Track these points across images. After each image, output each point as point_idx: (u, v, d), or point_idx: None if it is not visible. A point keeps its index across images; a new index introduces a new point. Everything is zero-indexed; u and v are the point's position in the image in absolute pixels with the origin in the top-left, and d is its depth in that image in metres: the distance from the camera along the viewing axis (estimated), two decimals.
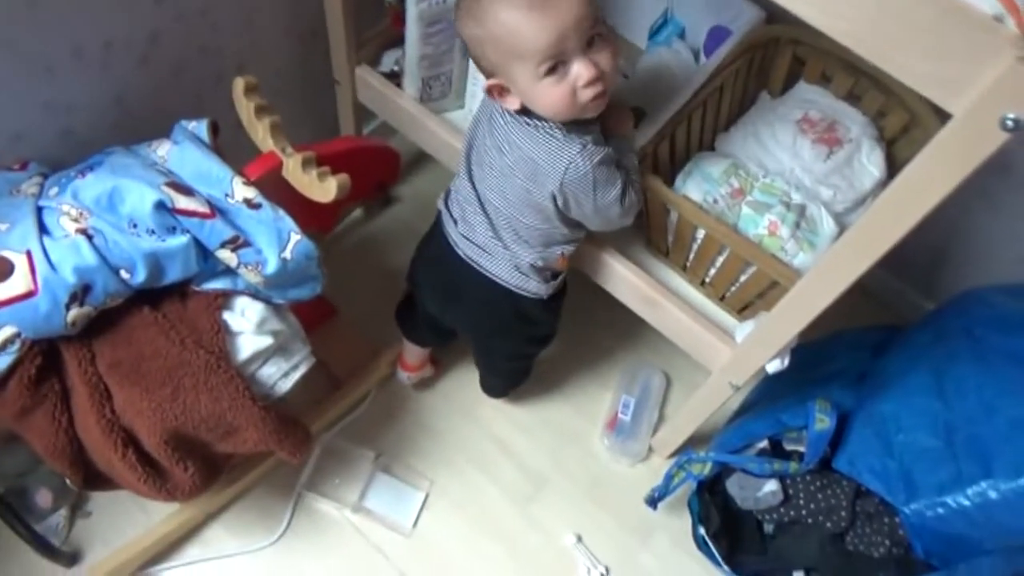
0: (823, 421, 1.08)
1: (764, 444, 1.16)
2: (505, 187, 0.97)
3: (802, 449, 1.11)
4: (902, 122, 1.14)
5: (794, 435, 1.15)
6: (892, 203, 0.73)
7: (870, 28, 0.62)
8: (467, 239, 1.04)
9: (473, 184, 1.02)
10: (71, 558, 1.19)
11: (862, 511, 1.10)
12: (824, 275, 0.85)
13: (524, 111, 0.90)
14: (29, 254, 0.84)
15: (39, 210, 0.88)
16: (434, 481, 1.33)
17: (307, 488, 1.29)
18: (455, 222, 1.05)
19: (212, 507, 1.24)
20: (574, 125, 0.90)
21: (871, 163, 1.12)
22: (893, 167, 1.14)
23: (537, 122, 0.90)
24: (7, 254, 0.84)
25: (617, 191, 0.94)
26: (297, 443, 1.01)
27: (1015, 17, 0.57)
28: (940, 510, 0.99)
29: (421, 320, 1.23)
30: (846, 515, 1.10)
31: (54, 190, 0.90)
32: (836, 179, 1.11)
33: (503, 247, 1.02)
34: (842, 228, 1.07)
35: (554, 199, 0.93)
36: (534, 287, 1.05)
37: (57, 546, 1.17)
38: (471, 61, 1.13)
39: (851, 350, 1.29)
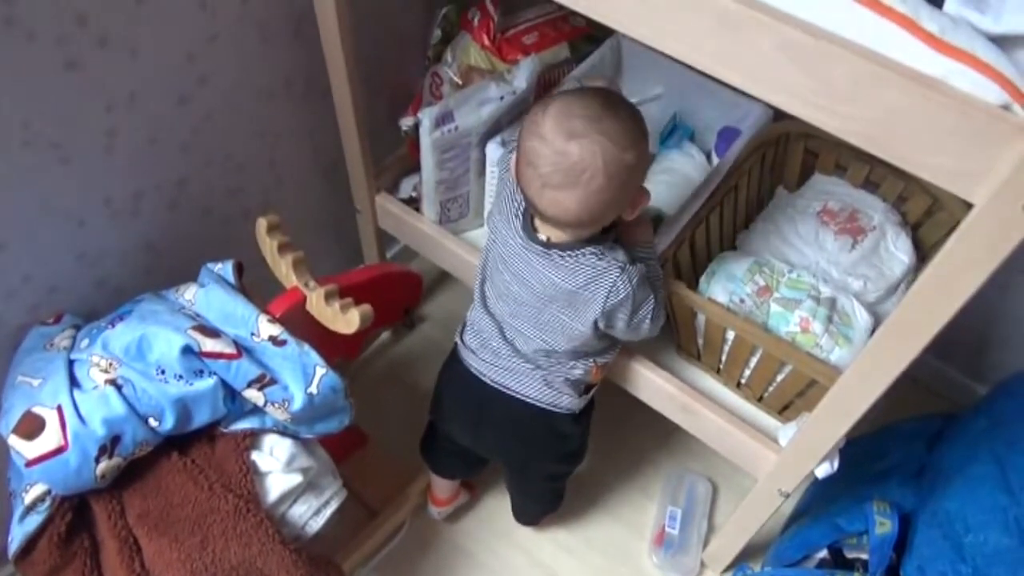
0: (884, 524, 1.02)
1: (824, 554, 1.09)
2: (539, 318, 0.96)
3: (865, 556, 1.04)
4: (925, 205, 1.13)
5: (854, 541, 1.08)
6: (925, 295, 0.71)
7: (880, 129, 0.62)
8: (492, 365, 1.03)
9: (492, 315, 1.02)
10: None
11: None
12: (864, 373, 0.81)
13: (548, 244, 0.91)
14: (60, 409, 0.84)
15: (70, 363, 0.89)
16: None
17: None
18: (474, 352, 1.04)
19: None
20: (601, 238, 0.91)
21: (899, 250, 1.10)
22: (921, 251, 1.12)
23: (566, 252, 0.90)
24: (39, 410, 0.84)
25: (650, 307, 0.95)
26: None
27: (1021, 103, 0.57)
28: None
29: (448, 452, 1.21)
30: None
31: (85, 342, 0.92)
32: (864, 269, 1.09)
33: (533, 367, 1.01)
34: (877, 318, 1.04)
35: (595, 324, 0.94)
36: (567, 402, 1.03)
37: None
38: (485, 182, 1.15)
39: (905, 443, 1.23)
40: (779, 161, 1.21)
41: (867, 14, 0.60)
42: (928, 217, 1.13)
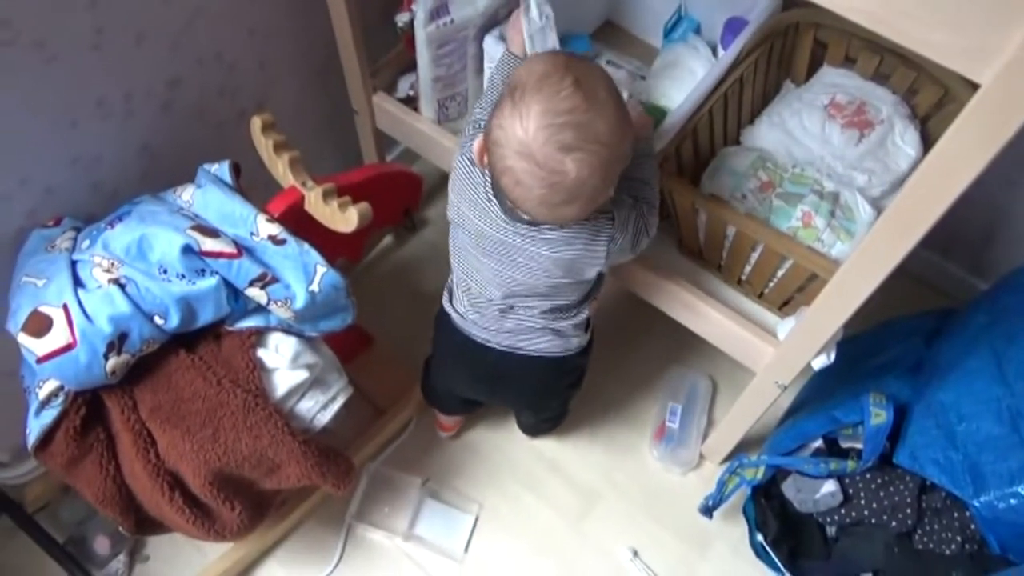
0: (879, 415, 1.04)
1: (819, 444, 1.12)
2: (539, 290, 0.94)
3: (859, 446, 1.07)
4: (935, 97, 1.10)
5: (849, 432, 1.10)
6: (926, 181, 0.70)
7: (885, 4, 0.60)
8: (498, 332, 1.01)
9: (484, 297, 0.98)
10: None
11: (929, 507, 1.05)
12: (863, 262, 0.81)
13: (535, 221, 0.86)
14: (66, 307, 0.85)
15: (73, 264, 0.90)
16: (483, 504, 1.31)
17: (357, 519, 1.28)
18: (474, 322, 1.02)
19: (265, 544, 1.25)
20: None
21: (906, 143, 1.08)
22: (929, 145, 1.10)
23: (550, 227, 0.86)
24: (45, 309, 0.86)
25: (646, 228, 0.94)
26: (340, 475, 1.01)
27: None
28: (1012, 501, 0.94)
29: (453, 400, 1.24)
30: (912, 512, 1.05)
31: (86, 243, 0.92)
32: (870, 163, 1.07)
33: (541, 326, 1.00)
34: (880, 213, 1.03)
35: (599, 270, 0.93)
36: (575, 343, 1.04)
37: None
38: (483, 79, 1.12)
39: (903, 338, 1.24)
40: (787, 53, 1.17)
41: None
42: (938, 110, 1.10)
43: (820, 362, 0.97)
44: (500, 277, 0.94)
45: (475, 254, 0.94)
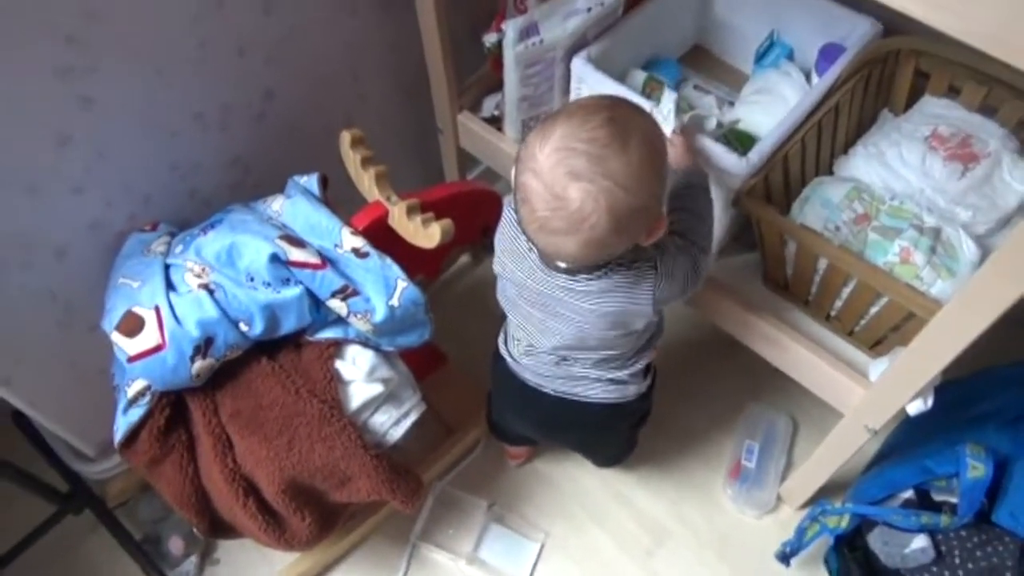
0: (977, 468, 0.97)
1: (909, 494, 1.05)
2: (589, 343, 0.91)
3: (954, 500, 1.00)
4: None
5: (943, 484, 1.03)
6: None
7: (1006, 25, 0.56)
8: (553, 378, 1.00)
9: (537, 346, 0.96)
10: None
11: None
12: (969, 304, 0.76)
13: (571, 270, 0.83)
14: (157, 309, 0.88)
15: (166, 267, 0.93)
16: (549, 533, 1.29)
17: (421, 538, 1.28)
18: (528, 368, 1.01)
19: (330, 556, 1.25)
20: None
21: (1015, 179, 1.02)
22: None
23: (594, 274, 0.83)
24: (138, 310, 0.89)
25: (696, 271, 0.89)
26: (410, 492, 1.00)
27: None
28: None
29: (517, 436, 1.23)
30: None
31: (179, 248, 0.95)
32: (974, 198, 1.01)
33: (596, 376, 0.98)
34: (985, 251, 0.97)
35: (649, 319, 0.90)
36: (634, 390, 1.01)
37: None
38: (569, 100, 1.12)
39: (1005, 388, 1.16)
40: (886, 82, 1.12)
41: None
42: None
43: (916, 407, 0.92)
44: (548, 329, 0.92)
45: (522, 305, 0.93)
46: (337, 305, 0.93)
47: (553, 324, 0.91)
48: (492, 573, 1.25)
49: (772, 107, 1.11)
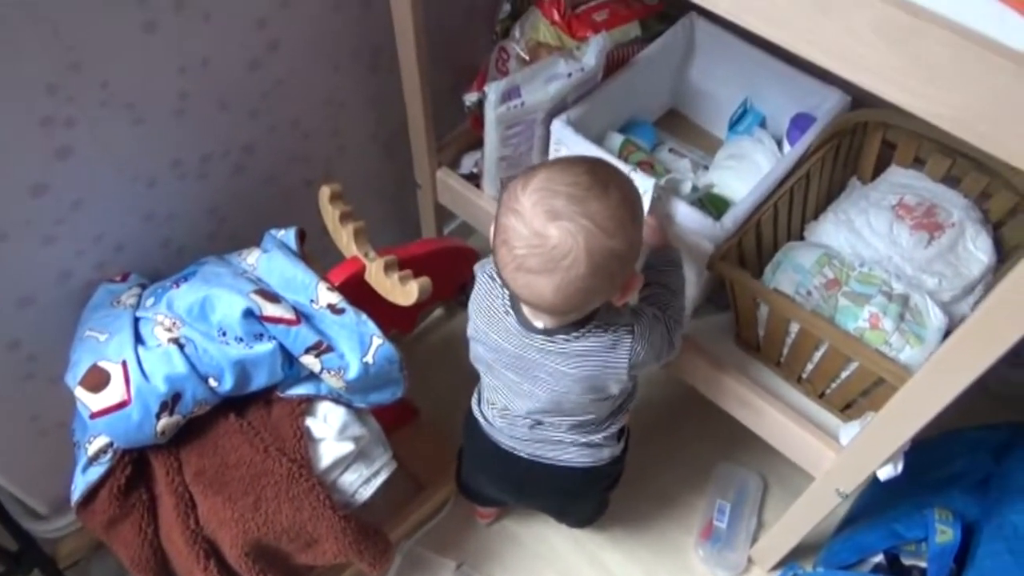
0: (945, 533, 0.98)
1: (879, 559, 1.06)
2: (564, 407, 0.92)
3: (923, 565, 1.01)
4: (1009, 204, 1.07)
5: (912, 548, 1.04)
6: (1011, 299, 0.67)
7: (980, 114, 0.58)
8: (525, 441, 1.00)
9: (511, 408, 0.96)
10: None
11: None
12: (938, 374, 0.78)
13: (548, 331, 0.84)
14: (124, 364, 0.86)
15: (136, 321, 0.91)
16: None
17: None
18: (501, 430, 1.01)
19: None
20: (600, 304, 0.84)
21: (978, 248, 1.05)
22: (1002, 251, 1.07)
23: (571, 335, 0.84)
24: (104, 364, 0.86)
25: (671, 340, 0.91)
26: (377, 554, 0.98)
27: None
28: None
29: (486, 497, 1.22)
30: None
31: (150, 300, 0.93)
32: (940, 266, 1.04)
33: (570, 440, 0.98)
34: (951, 318, 0.99)
35: (623, 384, 0.91)
36: (608, 453, 1.01)
37: None
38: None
39: (970, 451, 1.18)
40: (854, 151, 1.16)
41: None
42: (1011, 216, 1.08)
43: (886, 472, 0.92)
44: (523, 393, 0.92)
45: (498, 368, 0.93)
46: (310, 361, 0.92)
47: (529, 388, 0.90)
48: None
49: (745, 173, 1.14)
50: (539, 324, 0.84)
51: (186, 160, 1.01)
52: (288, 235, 1.01)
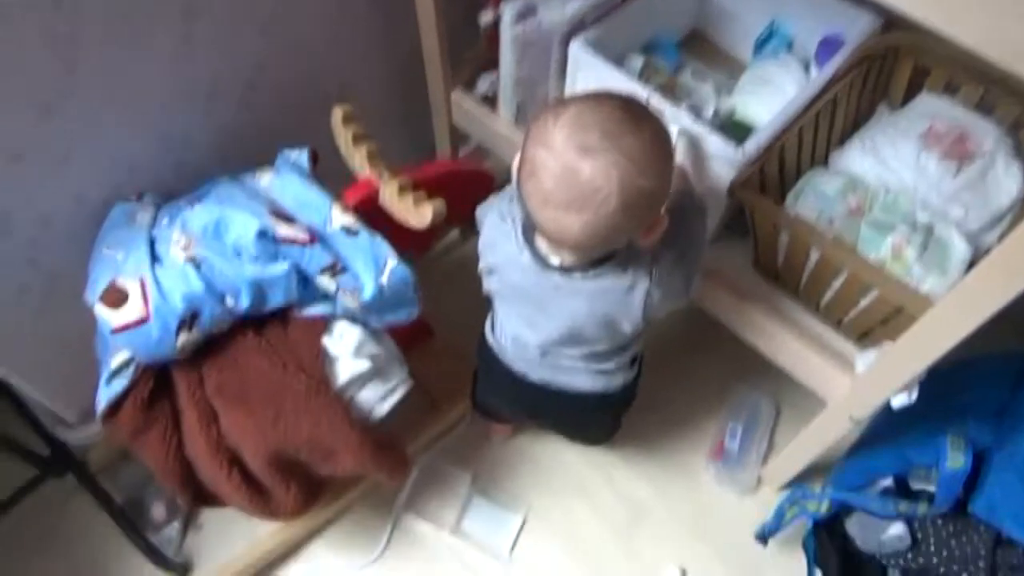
0: (957, 460, 0.98)
1: (888, 482, 1.07)
2: (577, 341, 0.92)
3: (932, 489, 1.02)
4: None
5: (923, 473, 1.05)
6: None
7: (1005, 34, 0.55)
8: (538, 366, 0.99)
9: (523, 337, 0.96)
10: (183, 569, 1.24)
11: (1003, 563, 0.99)
12: (961, 303, 0.77)
13: (565, 268, 0.83)
14: (142, 282, 0.87)
15: (152, 239, 0.92)
16: (532, 506, 1.30)
17: (406, 509, 1.29)
18: (513, 356, 1.01)
19: (315, 525, 1.26)
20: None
21: (1008, 178, 1.02)
22: None
23: (588, 273, 0.83)
24: (122, 282, 0.87)
25: (687, 287, 0.89)
26: (394, 466, 1.01)
27: None
28: None
29: (502, 413, 1.23)
30: (985, 566, 0.99)
31: (165, 220, 0.94)
32: (967, 196, 1.01)
33: (584, 367, 0.97)
34: (976, 250, 0.97)
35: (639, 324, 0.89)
36: (620, 380, 1.01)
37: (170, 557, 1.22)
38: (565, 83, 1.10)
39: (987, 380, 1.17)
40: (884, 77, 1.11)
41: None
42: None
43: (900, 400, 0.93)
44: (536, 325, 0.92)
45: (512, 300, 0.93)
46: (326, 282, 0.93)
47: (542, 321, 0.90)
48: (475, 545, 1.27)
49: (769, 98, 1.10)
50: (555, 261, 0.83)
51: (197, 80, 0.99)
52: (301, 155, 1.00)
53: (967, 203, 1.00)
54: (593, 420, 1.15)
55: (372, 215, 0.97)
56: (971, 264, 0.94)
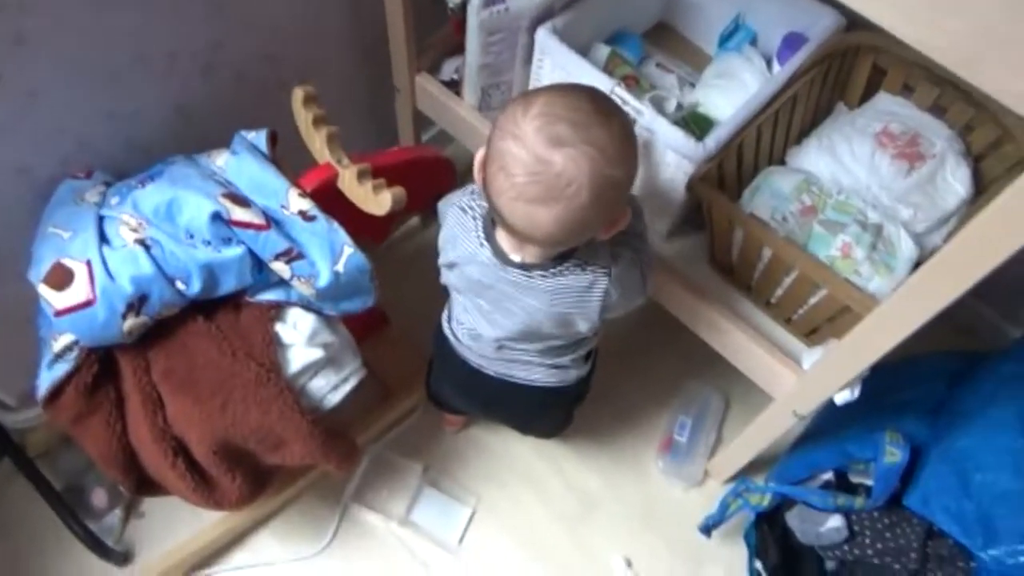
0: (894, 454, 1.02)
1: (829, 476, 1.10)
2: (532, 338, 0.92)
3: (869, 483, 1.05)
4: (992, 137, 1.07)
5: (861, 467, 1.08)
6: (982, 233, 0.67)
7: (970, 45, 0.57)
8: (493, 359, 0.99)
9: (476, 323, 0.95)
10: (123, 558, 1.21)
11: (934, 554, 1.03)
12: (905, 304, 0.79)
13: (526, 265, 0.83)
14: (89, 263, 0.84)
15: (100, 219, 0.89)
16: (481, 497, 1.31)
17: (354, 499, 1.28)
18: (469, 348, 1.00)
19: (261, 514, 1.24)
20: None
21: (956, 180, 1.05)
22: (981, 184, 1.07)
23: (548, 271, 0.83)
24: (68, 263, 0.84)
25: (644, 285, 0.91)
26: (344, 456, 1.00)
27: None
28: (1022, 558, 0.92)
29: (455, 407, 1.23)
30: (916, 557, 1.03)
31: (115, 199, 0.91)
32: (917, 197, 1.04)
33: (539, 360, 0.98)
34: (922, 250, 1.00)
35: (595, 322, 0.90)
36: (575, 375, 1.02)
37: (110, 545, 1.19)
38: (531, 71, 1.10)
39: (925, 378, 1.22)
40: (843, 75, 1.14)
41: None
42: (993, 149, 1.07)
43: (843, 397, 0.95)
44: (494, 321, 0.92)
45: (468, 295, 0.93)
46: (280, 268, 0.91)
47: (499, 317, 0.91)
48: (424, 536, 1.27)
49: (732, 92, 1.11)
50: (516, 257, 0.83)
51: (151, 55, 0.96)
52: (259, 137, 0.97)
53: (916, 204, 1.03)
54: (546, 414, 1.16)
55: (330, 200, 0.95)
56: (917, 264, 0.97)
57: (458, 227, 0.88)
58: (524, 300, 0.86)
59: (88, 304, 0.83)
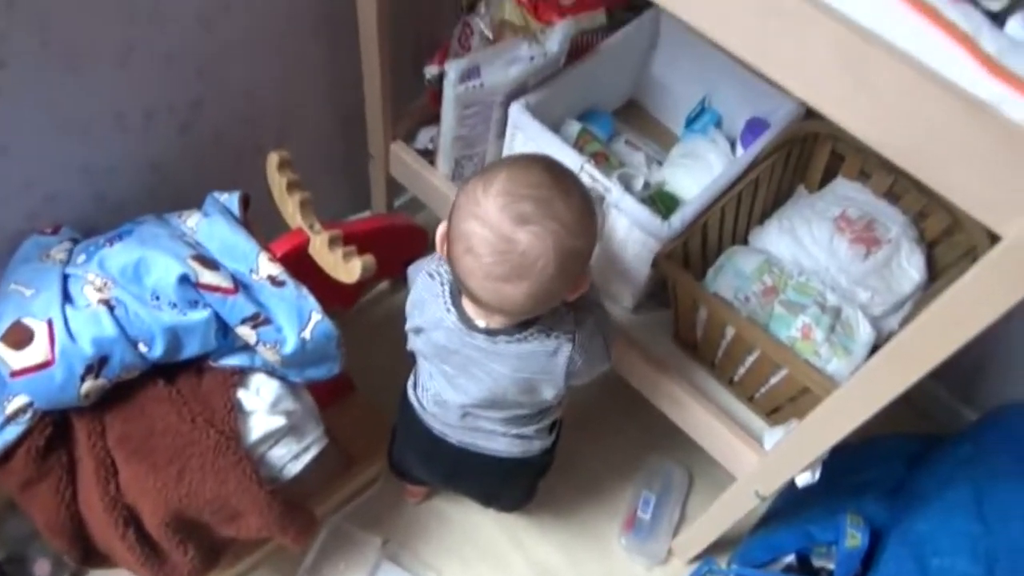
0: (855, 538, 1.02)
1: (791, 559, 1.09)
2: (497, 405, 0.92)
3: (831, 567, 1.05)
4: (943, 224, 1.11)
5: (823, 550, 1.08)
6: (935, 323, 0.70)
7: (915, 145, 0.60)
8: (457, 428, 0.99)
9: (442, 389, 0.95)
10: None
11: None
12: (861, 389, 0.80)
13: (491, 331, 0.84)
14: (50, 323, 0.83)
15: (65, 278, 0.88)
16: (441, 573, 1.27)
17: (310, 574, 1.24)
18: (434, 416, 1.00)
19: None
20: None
21: (911, 266, 1.09)
22: (933, 270, 1.11)
23: (513, 337, 0.84)
24: (28, 322, 0.83)
25: (607, 352, 0.92)
26: (301, 529, 0.98)
27: None
28: None
29: (417, 477, 1.22)
30: None
31: (82, 257, 0.90)
32: (874, 281, 1.07)
33: (503, 431, 0.98)
34: (879, 333, 1.03)
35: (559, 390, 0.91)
36: (539, 446, 1.02)
37: None
38: (504, 144, 1.13)
39: (884, 459, 1.23)
40: (804, 160, 1.18)
41: (926, 26, 0.57)
42: (946, 236, 1.12)
43: (804, 479, 0.95)
44: (459, 387, 0.92)
45: (434, 360, 0.93)
46: (246, 333, 0.90)
47: (464, 383, 0.90)
48: None
49: (697, 172, 1.15)
50: (481, 323, 0.84)
51: (128, 113, 0.97)
52: (232, 200, 0.98)
53: (873, 287, 1.06)
54: (509, 485, 1.15)
55: (300, 265, 0.95)
56: (875, 347, 1.00)
57: (426, 292, 0.89)
58: (489, 365, 0.86)
59: (46, 365, 0.82)
